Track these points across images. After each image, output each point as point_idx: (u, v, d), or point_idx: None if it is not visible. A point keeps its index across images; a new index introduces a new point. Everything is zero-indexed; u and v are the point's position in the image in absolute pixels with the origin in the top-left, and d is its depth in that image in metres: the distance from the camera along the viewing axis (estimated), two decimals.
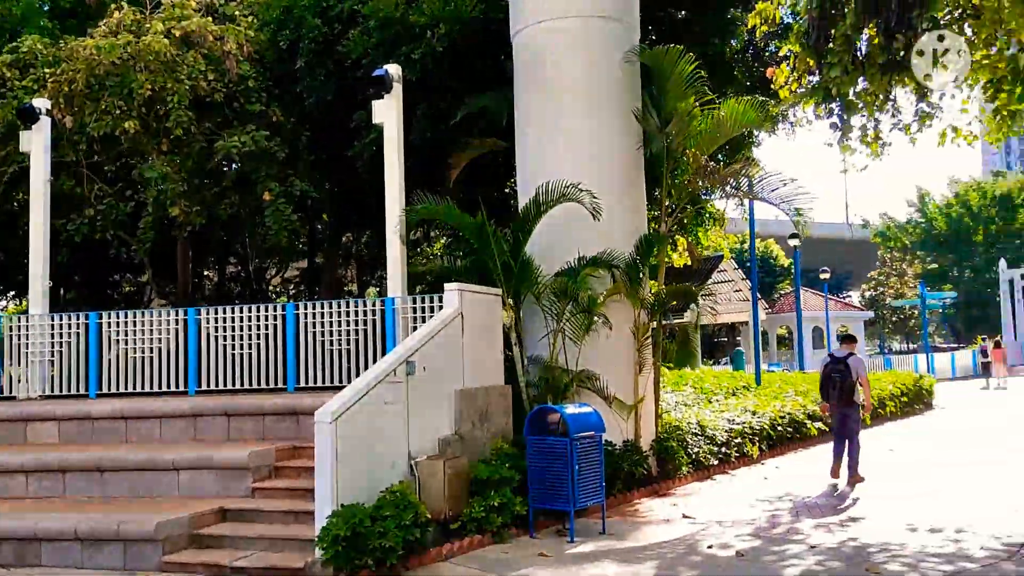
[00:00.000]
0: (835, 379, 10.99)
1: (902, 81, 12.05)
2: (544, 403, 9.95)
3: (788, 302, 45.75)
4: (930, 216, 55.95)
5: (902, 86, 12.65)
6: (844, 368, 10.93)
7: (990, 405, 23.43)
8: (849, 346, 11.35)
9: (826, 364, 11.36)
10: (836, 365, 11.06)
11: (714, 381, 17.20)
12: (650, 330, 10.97)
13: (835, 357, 11.21)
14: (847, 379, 10.88)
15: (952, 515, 8.78)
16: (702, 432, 12.02)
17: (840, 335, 12.11)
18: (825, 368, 11.31)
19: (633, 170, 11.51)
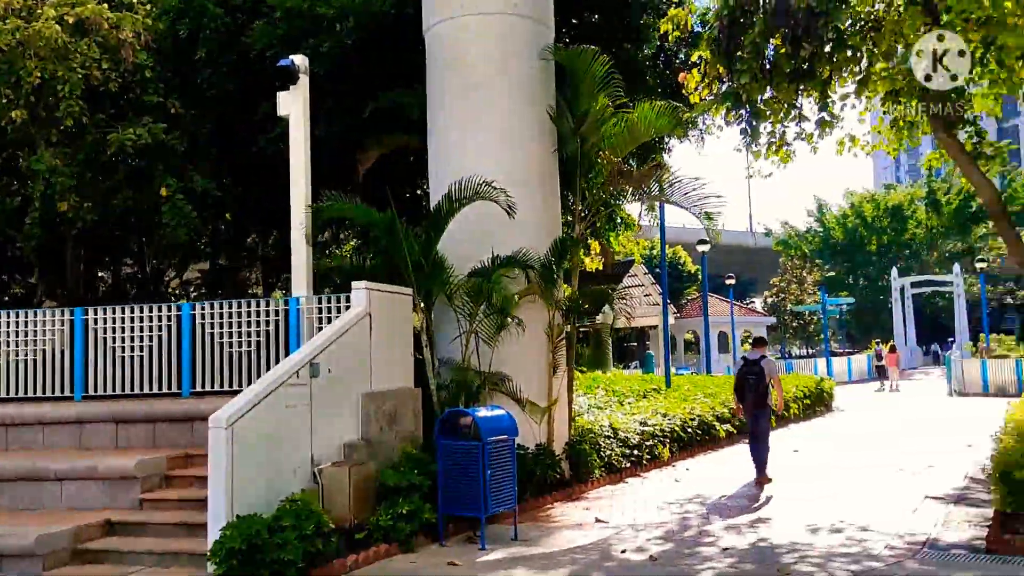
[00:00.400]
0: (750, 381, 11.13)
1: (808, 90, 12.29)
2: (455, 406, 9.68)
3: (695, 307, 46.67)
4: (828, 226, 58.03)
5: (807, 95, 12.92)
6: (759, 371, 11.11)
7: (885, 407, 24.28)
8: (761, 349, 11.54)
9: (740, 368, 11.51)
10: (750, 368, 11.21)
11: (626, 384, 17.23)
12: (564, 332, 10.84)
13: (748, 360, 11.37)
14: (761, 382, 11.07)
15: (855, 515, 8.89)
16: (614, 435, 11.95)
17: (752, 339, 12.29)
18: (740, 372, 11.45)
19: (548, 170, 11.37)
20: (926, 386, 33.85)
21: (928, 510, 9.04)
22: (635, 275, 34.10)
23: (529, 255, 10.38)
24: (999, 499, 7.96)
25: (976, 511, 8.84)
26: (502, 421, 8.44)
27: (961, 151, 12.55)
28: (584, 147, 11.27)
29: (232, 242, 17.89)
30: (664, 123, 11.65)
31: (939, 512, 8.90)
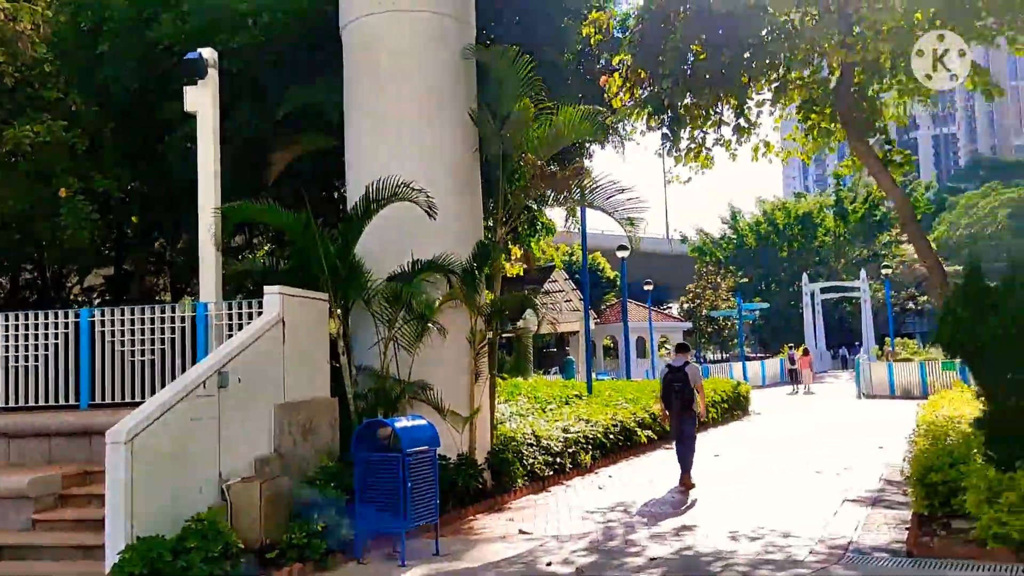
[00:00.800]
0: (676, 388, 11.18)
1: (727, 97, 12.39)
2: (374, 416, 9.35)
3: (613, 313, 47.08)
4: (741, 233, 59.44)
5: (725, 103, 13.05)
6: (684, 377, 11.17)
7: (800, 410, 24.81)
8: (684, 355, 11.61)
9: (665, 374, 11.54)
10: (676, 374, 11.24)
11: (547, 390, 17.10)
12: (487, 339, 10.61)
13: (673, 367, 11.39)
14: (687, 387, 11.12)
15: (777, 520, 8.90)
16: (537, 443, 11.77)
17: (675, 345, 12.40)
18: (665, 378, 11.49)
19: (470, 172, 11.14)
20: (836, 389, 34.84)
21: (847, 513, 9.11)
22: (555, 280, 34.17)
23: (451, 259, 10.12)
24: (917, 501, 8.07)
25: (893, 513, 8.94)
26: (423, 431, 8.15)
27: (874, 158, 12.83)
28: (507, 150, 11.08)
29: (138, 246, 17.07)
30: (587, 126, 11.54)
31: (858, 515, 8.97)
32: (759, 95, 13.84)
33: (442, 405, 9.83)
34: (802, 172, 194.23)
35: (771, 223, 58.27)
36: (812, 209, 58.35)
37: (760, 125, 14.44)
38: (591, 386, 18.43)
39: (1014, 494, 6.64)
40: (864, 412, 22.94)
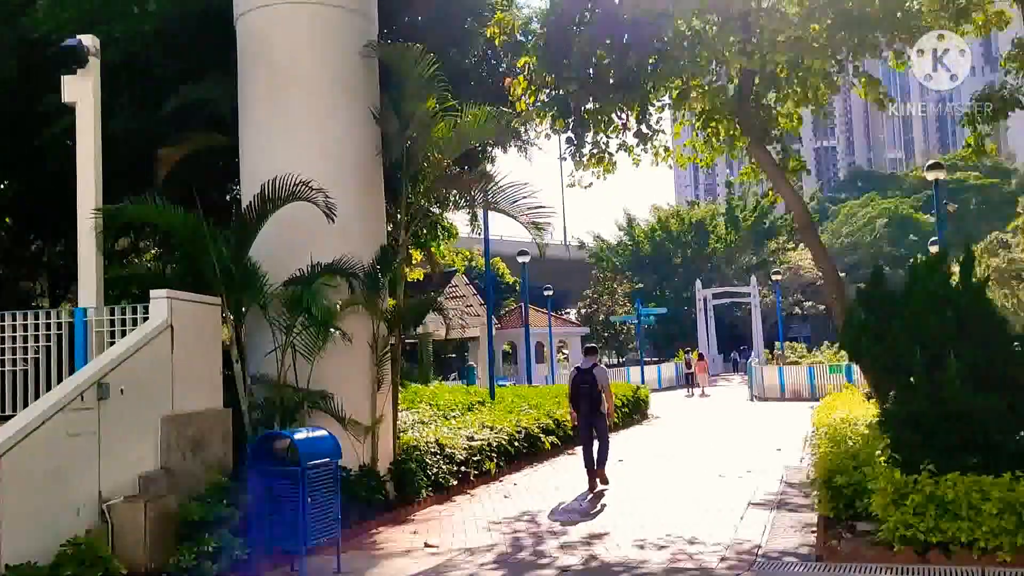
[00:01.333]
0: (584, 390, 11.36)
1: (631, 101, 12.38)
2: (270, 428, 8.85)
3: (512, 319, 47.05)
4: (637, 239, 60.50)
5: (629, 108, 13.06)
6: (592, 379, 11.36)
7: (698, 414, 25.28)
8: (593, 358, 11.75)
9: (574, 377, 11.72)
10: (584, 377, 11.43)
11: (449, 397, 16.78)
12: (389, 345, 10.23)
13: (581, 370, 11.56)
14: (594, 390, 11.31)
15: (686, 526, 8.87)
16: (441, 451, 11.44)
17: (585, 348, 12.36)
18: (573, 380, 11.66)
19: (372, 173, 10.74)
20: (730, 392, 35.76)
21: (753, 518, 9.15)
22: (456, 286, 33.86)
23: (352, 262, 9.71)
24: (822, 504, 8.14)
25: (798, 516, 9.03)
26: (324, 443, 7.72)
27: (773, 165, 13.07)
28: (411, 150, 10.74)
29: (12, 249, 15.90)
30: (492, 128, 11.37)
31: (764, 519, 9.02)
32: (661, 101, 13.97)
33: (343, 414, 9.41)
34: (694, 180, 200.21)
35: (666, 230, 59.53)
36: (705, 217, 59.92)
37: (662, 132, 14.58)
38: (494, 392, 18.20)
39: (919, 496, 6.74)
40: (758, 415, 23.54)
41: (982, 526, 6.53)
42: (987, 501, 6.53)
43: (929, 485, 6.75)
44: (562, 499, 10.83)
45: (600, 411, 11.41)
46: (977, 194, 76.36)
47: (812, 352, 36.58)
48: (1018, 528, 6.42)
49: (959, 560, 6.61)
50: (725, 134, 14.13)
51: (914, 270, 7.71)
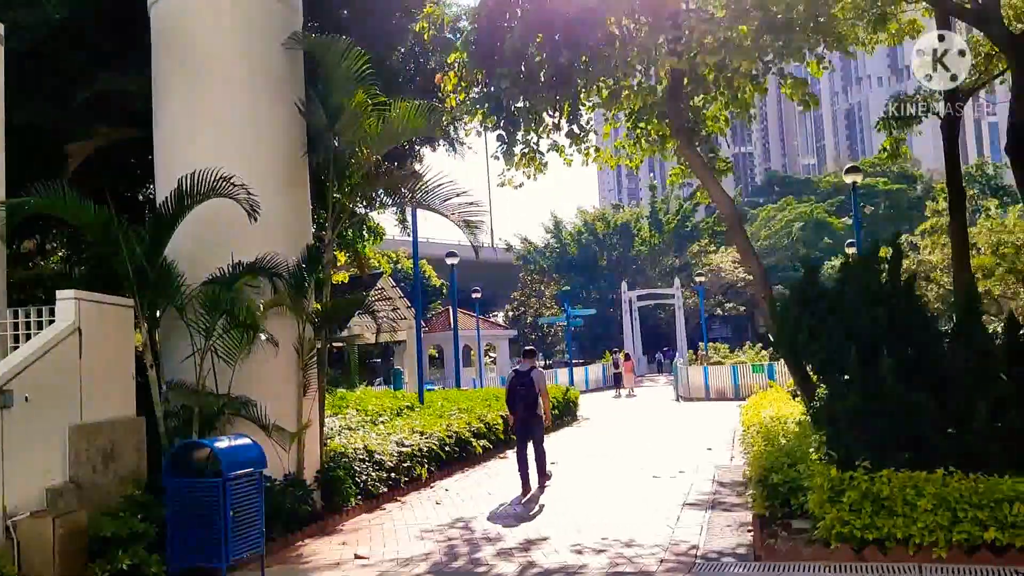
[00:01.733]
0: (520, 392, 11.37)
1: (563, 100, 12.26)
2: (188, 436, 8.38)
3: (439, 322, 46.66)
4: (564, 241, 60.78)
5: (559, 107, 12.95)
6: (528, 382, 11.33)
7: (626, 414, 25.33)
8: (531, 360, 11.77)
9: (511, 379, 11.70)
10: (521, 379, 11.43)
11: (377, 402, 16.39)
12: (315, 348, 9.83)
13: (519, 372, 11.58)
14: (531, 391, 11.33)
15: (623, 529, 8.74)
16: (370, 458, 11.08)
17: (523, 350, 12.38)
18: (511, 382, 11.64)
19: (297, 170, 10.32)
20: (656, 392, 36.12)
21: (689, 518, 9.08)
22: (382, 288, 33.31)
23: (276, 262, 9.29)
24: (758, 503, 8.09)
25: (733, 516, 8.99)
26: (247, 452, 7.33)
27: (703, 165, 13.10)
28: (338, 146, 10.38)
29: None
30: (422, 123, 11.00)
31: (699, 519, 8.96)
32: (592, 101, 13.90)
33: (267, 421, 8.99)
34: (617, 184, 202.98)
35: (592, 233, 59.94)
36: (630, 220, 60.54)
37: (594, 132, 14.53)
38: (423, 396, 17.87)
39: (855, 492, 6.73)
40: (685, 414, 23.74)
41: (917, 522, 6.55)
42: (921, 497, 6.56)
43: (864, 482, 6.75)
44: (496, 504, 10.60)
45: (536, 413, 11.43)
46: (886, 199, 79.12)
47: (734, 352, 37.14)
48: (952, 524, 6.46)
49: (895, 557, 6.61)
50: (655, 134, 14.16)
51: (846, 268, 7.73)
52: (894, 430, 6.94)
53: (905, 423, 6.92)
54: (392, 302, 27.60)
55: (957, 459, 6.79)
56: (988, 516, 6.36)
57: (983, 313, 7.61)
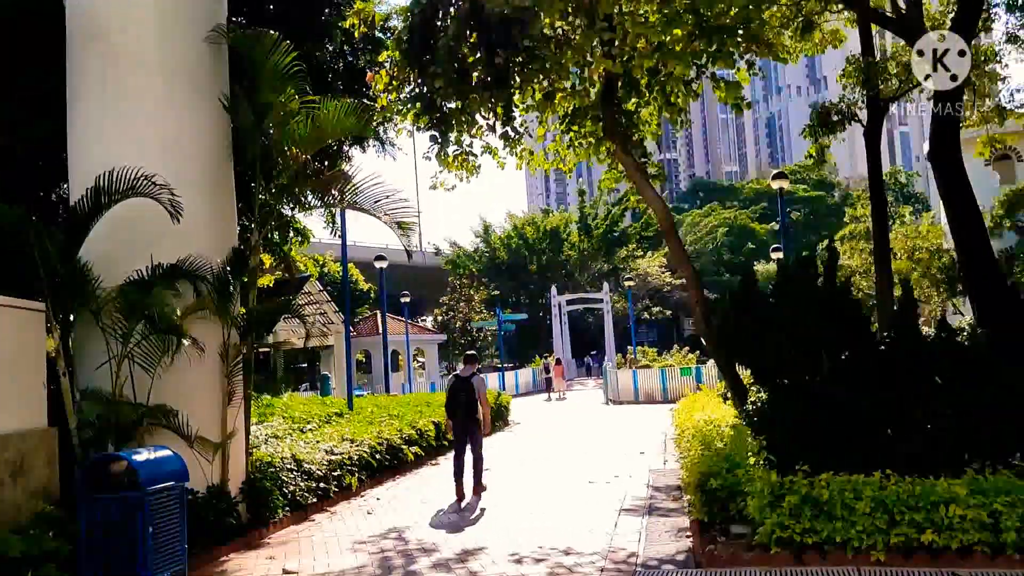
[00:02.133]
0: (461, 398, 11.16)
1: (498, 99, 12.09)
2: (104, 448, 7.92)
3: (366, 326, 46.03)
4: (494, 246, 60.71)
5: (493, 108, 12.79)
6: (470, 387, 11.18)
7: (558, 418, 25.28)
8: (472, 366, 11.54)
9: (452, 384, 11.47)
10: (462, 385, 11.25)
11: (304, 409, 15.94)
12: (241, 353, 9.42)
13: (460, 377, 11.38)
14: (472, 397, 11.16)
15: (560, 536, 8.58)
16: (298, 467, 10.71)
17: (464, 356, 12.09)
18: (451, 388, 11.41)
19: (222, 168, 9.89)
20: (586, 396, 36.24)
21: (627, 525, 8.97)
22: (309, 292, 32.64)
23: (199, 264, 8.86)
24: (696, 508, 8.05)
25: (670, 521, 8.92)
26: (168, 464, 6.94)
27: (637, 168, 13.11)
28: (266, 145, 10.00)
29: None
30: (352, 122, 10.69)
31: (637, 526, 8.86)
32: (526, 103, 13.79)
33: (189, 431, 8.55)
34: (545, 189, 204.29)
35: (522, 237, 60.01)
36: (559, 224, 60.82)
37: (528, 135, 14.41)
38: (352, 403, 17.46)
39: (795, 497, 6.71)
40: (616, 418, 23.80)
41: (856, 525, 6.56)
42: (859, 500, 6.57)
43: (804, 486, 6.74)
44: (431, 513, 10.33)
45: (476, 419, 11.29)
46: (805, 206, 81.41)
47: (662, 356, 37.55)
48: (890, 527, 6.48)
49: (834, 561, 6.61)
50: (589, 137, 14.11)
51: (784, 270, 7.74)
52: (833, 434, 6.95)
53: (844, 427, 6.94)
54: (320, 306, 27.03)
55: (895, 462, 6.84)
56: (924, 518, 6.41)
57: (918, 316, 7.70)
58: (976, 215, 12.59)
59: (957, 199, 12.57)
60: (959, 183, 12.50)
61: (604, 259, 59.89)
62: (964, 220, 12.44)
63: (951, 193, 12.61)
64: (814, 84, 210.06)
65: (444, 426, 12.81)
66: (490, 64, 11.09)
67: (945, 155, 12.69)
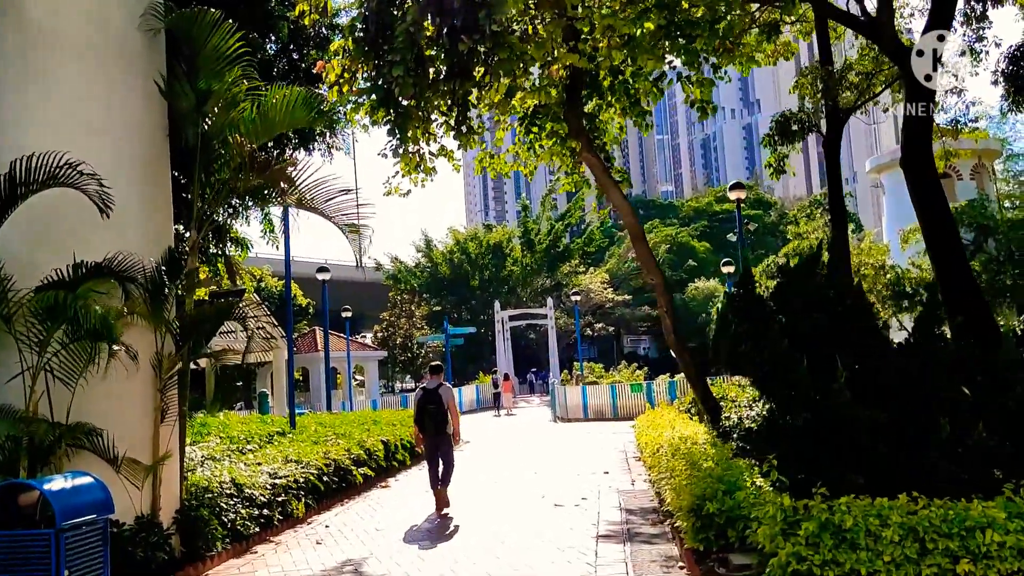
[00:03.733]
0: (430, 410, 10.85)
1: (460, 92, 11.29)
2: (15, 475, 6.82)
3: (305, 342, 44.58)
4: (436, 261, 59.69)
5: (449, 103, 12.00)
6: (438, 399, 10.85)
7: (509, 436, 24.35)
8: (438, 377, 11.16)
9: (419, 397, 11.09)
10: (430, 396, 10.89)
11: (243, 428, 14.81)
12: (177, 365, 8.36)
13: (427, 389, 11.00)
14: (440, 409, 10.84)
15: (537, 569, 7.75)
16: (239, 493, 9.64)
17: (430, 367, 11.75)
18: (419, 401, 11.10)
19: (157, 159, 8.84)
20: (533, 413, 35.42)
21: (608, 554, 8.14)
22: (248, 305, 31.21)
23: (129, 263, 7.80)
24: (691, 535, 7.29)
25: (656, 550, 8.14)
26: (88, 494, 5.90)
27: (604, 170, 12.45)
28: (206, 133, 9.00)
29: None
30: (304, 113, 9.78)
31: (619, 554, 8.06)
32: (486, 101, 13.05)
33: (115, 453, 7.47)
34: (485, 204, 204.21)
35: (464, 252, 59.15)
36: (502, 240, 60.14)
37: (488, 131, 13.66)
38: (294, 421, 16.33)
39: (813, 524, 5.96)
40: (568, 436, 22.99)
41: (883, 555, 5.84)
42: (887, 527, 5.87)
43: (823, 511, 6.02)
44: (386, 542, 9.37)
45: (446, 431, 10.96)
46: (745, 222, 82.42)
47: (609, 372, 37.00)
48: (921, 556, 5.79)
49: None
50: (552, 138, 13.40)
51: (786, 272, 7.07)
52: (848, 451, 6.26)
53: (860, 443, 6.25)
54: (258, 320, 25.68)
55: (917, 482, 6.18)
56: (959, 546, 5.73)
57: (943, 322, 7.08)
58: (951, 223, 12.22)
59: (930, 205, 12.14)
60: (932, 189, 12.11)
61: (547, 275, 59.36)
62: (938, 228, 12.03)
63: (924, 199, 12.20)
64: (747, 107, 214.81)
65: (414, 439, 12.39)
66: (452, 52, 10.26)
67: (918, 161, 12.29)
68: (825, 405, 6.19)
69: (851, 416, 6.10)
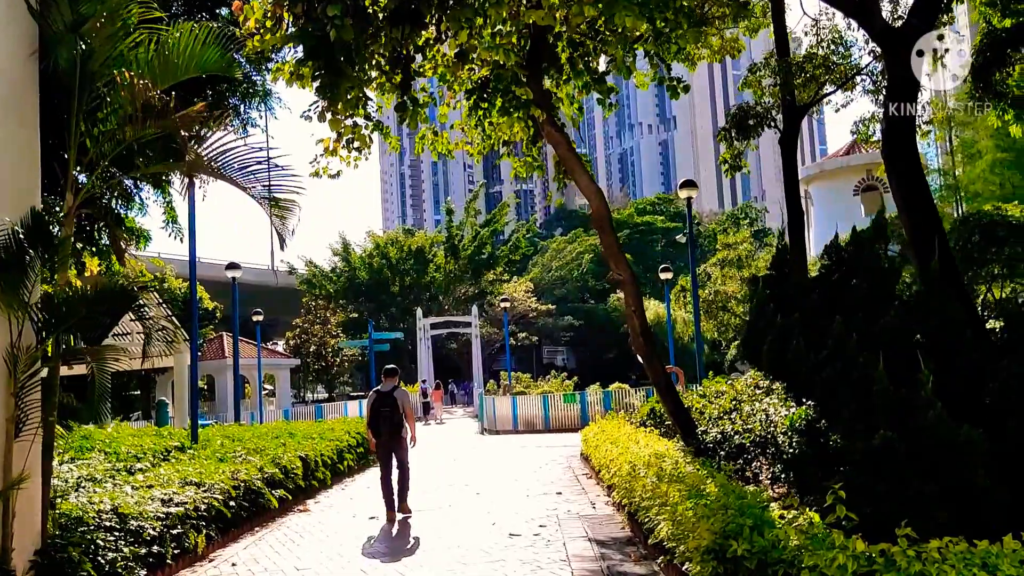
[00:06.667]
0: (385, 414, 10.45)
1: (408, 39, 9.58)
2: None
3: (212, 348, 41.79)
4: (354, 265, 57.24)
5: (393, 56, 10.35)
6: (393, 402, 10.43)
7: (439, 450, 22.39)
8: (393, 380, 10.51)
9: (373, 401, 10.60)
10: (384, 400, 10.44)
11: (134, 442, 12.69)
12: (38, 361, 6.39)
13: (381, 392, 10.42)
14: (396, 413, 10.46)
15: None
16: (122, 524, 7.66)
17: (384, 369, 10.83)
18: (373, 404, 10.58)
19: (21, 94, 6.87)
20: (460, 424, 33.68)
21: None
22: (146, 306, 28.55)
23: None
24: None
25: None
26: None
27: (569, 149, 10.92)
28: (89, 62, 7.05)
29: None
30: (216, 56, 7.90)
31: None
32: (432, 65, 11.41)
33: None
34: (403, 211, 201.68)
35: (384, 257, 56.96)
36: (424, 244, 58.18)
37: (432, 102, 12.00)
38: (196, 435, 14.20)
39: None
40: (503, 449, 21.23)
41: None
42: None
43: (912, 561, 4.54)
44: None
45: (402, 436, 10.67)
46: (664, 236, 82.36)
47: (537, 381, 35.58)
48: None
49: None
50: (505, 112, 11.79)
51: (839, 252, 5.60)
52: (935, 479, 4.80)
53: (947, 469, 4.81)
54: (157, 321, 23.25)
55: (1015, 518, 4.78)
56: None
57: None
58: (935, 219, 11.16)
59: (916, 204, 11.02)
60: (918, 187, 11.01)
61: (471, 282, 57.66)
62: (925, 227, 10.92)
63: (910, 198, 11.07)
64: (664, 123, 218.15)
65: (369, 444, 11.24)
66: None
67: (902, 159, 11.17)
68: (912, 422, 4.71)
69: (948, 437, 4.64)
